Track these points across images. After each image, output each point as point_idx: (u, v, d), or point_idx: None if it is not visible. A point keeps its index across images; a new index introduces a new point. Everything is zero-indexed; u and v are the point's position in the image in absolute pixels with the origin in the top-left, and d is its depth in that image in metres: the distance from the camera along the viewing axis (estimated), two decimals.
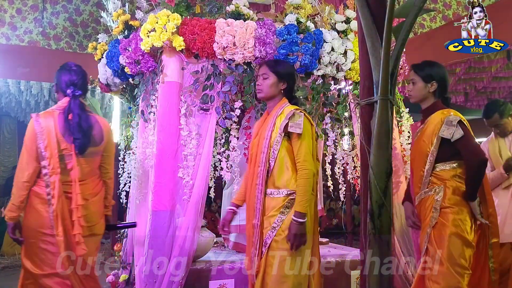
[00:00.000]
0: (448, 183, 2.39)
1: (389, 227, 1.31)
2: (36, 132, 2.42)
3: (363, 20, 1.35)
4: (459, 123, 2.37)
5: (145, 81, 3.07)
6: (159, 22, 2.82)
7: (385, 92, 1.32)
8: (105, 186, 2.68)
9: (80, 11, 5.90)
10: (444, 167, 2.42)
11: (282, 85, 2.44)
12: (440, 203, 2.38)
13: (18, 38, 5.68)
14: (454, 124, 2.37)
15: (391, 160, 1.34)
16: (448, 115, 2.42)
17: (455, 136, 2.34)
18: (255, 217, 2.32)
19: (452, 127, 2.36)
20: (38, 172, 2.45)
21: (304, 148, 2.31)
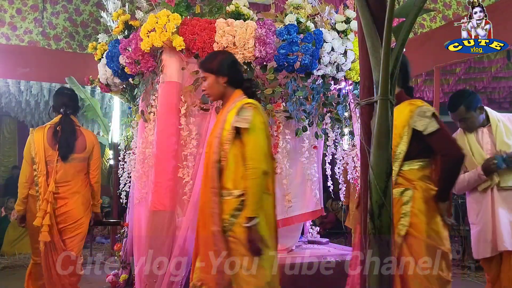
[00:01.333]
0: (417, 185, 2.16)
1: (389, 227, 1.30)
2: (30, 143, 3.15)
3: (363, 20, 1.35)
4: (433, 115, 2.14)
5: (145, 81, 3.08)
6: (159, 22, 2.82)
7: (385, 92, 1.31)
8: (91, 187, 3.25)
9: (80, 11, 5.91)
10: (412, 166, 2.18)
11: (222, 79, 2.24)
12: (409, 207, 2.14)
13: (18, 38, 5.68)
14: (428, 115, 2.13)
15: (391, 160, 1.34)
16: (420, 106, 2.17)
17: (429, 129, 2.11)
18: (214, 223, 2.09)
19: (426, 119, 2.13)
20: (33, 174, 3.14)
21: (252, 145, 2.09)
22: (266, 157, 2.13)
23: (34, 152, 3.12)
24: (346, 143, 3.74)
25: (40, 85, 6.51)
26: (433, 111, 2.16)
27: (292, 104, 3.05)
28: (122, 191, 3.47)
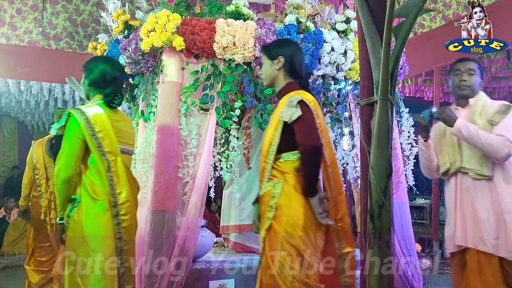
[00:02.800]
0: (287, 177, 2.06)
1: (389, 227, 1.31)
2: (32, 153, 3.83)
3: (363, 20, 1.35)
4: (300, 103, 2.05)
5: (145, 81, 3.08)
6: (159, 22, 2.82)
7: (385, 92, 1.32)
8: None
9: (80, 11, 5.91)
10: (288, 158, 2.08)
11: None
12: (276, 200, 2.04)
13: (18, 38, 5.68)
14: (293, 104, 2.04)
15: (391, 160, 1.34)
16: (291, 96, 2.09)
17: (293, 118, 2.02)
18: None
19: (292, 108, 2.04)
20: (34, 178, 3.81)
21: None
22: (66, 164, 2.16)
23: (35, 161, 3.80)
24: (346, 143, 3.74)
25: (40, 85, 6.51)
26: (302, 99, 2.05)
27: None
28: None
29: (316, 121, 2.05)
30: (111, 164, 2.24)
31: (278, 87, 2.23)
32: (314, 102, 2.09)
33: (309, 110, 2.05)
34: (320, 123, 2.07)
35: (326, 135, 2.11)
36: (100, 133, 2.23)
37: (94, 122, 2.22)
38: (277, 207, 2.03)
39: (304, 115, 2.03)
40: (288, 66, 2.18)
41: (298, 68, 2.21)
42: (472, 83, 2.33)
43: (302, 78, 2.24)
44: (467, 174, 2.25)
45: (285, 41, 2.41)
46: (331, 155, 2.12)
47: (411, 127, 3.53)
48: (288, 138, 2.06)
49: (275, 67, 2.19)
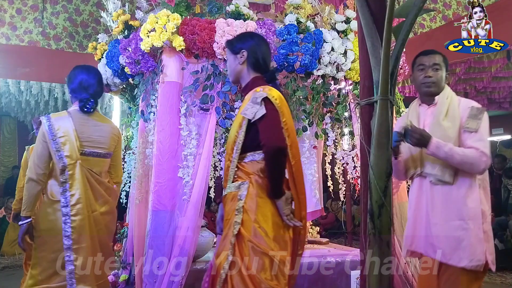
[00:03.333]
0: (252, 179, 1.99)
1: (389, 227, 1.31)
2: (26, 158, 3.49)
3: (363, 20, 1.35)
4: (265, 101, 1.96)
5: (145, 81, 3.08)
6: (159, 22, 2.82)
7: (385, 92, 1.32)
8: None
9: (80, 11, 5.91)
10: (253, 158, 2.01)
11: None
12: (242, 203, 1.96)
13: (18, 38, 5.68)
14: (258, 101, 1.96)
15: (391, 160, 1.34)
16: (256, 92, 2.00)
17: (257, 116, 1.94)
18: None
19: (256, 106, 1.95)
20: None
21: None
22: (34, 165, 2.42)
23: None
24: (346, 143, 3.74)
25: (40, 85, 6.51)
26: (266, 96, 1.97)
27: (292, 104, 3.05)
28: (122, 191, 3.47)
29: (281, 120, 1.98)
30: (68, 167, 2.43)
31: (243, 83, 2.16)
32: (280, 99, 2.00)
33: (274, 108, 1.96)
34: (286, 121, 1.99)
35: (292, 133, 2.03)
36: (62, 138, 2.44)
37: (58, 128, 2.46)
38: (243, 210, 1.96)
39: (268, 113, 1.95)
40: (251, 60, 2.12)
41: (262, 61, 2.13)
42: (438, 79, 2.20)
43: (268, 72, 2.16)
44: (428, 179, 2.15)
45: (248, 34, 2.33)
46: (296, 154, 2.05)
47: None
48: (253, 137, 1.99)
49: (238, 62, 2.13)
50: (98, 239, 2.49)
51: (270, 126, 1.95)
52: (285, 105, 2.04)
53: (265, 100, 1.97)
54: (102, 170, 2.60)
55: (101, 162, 2.58)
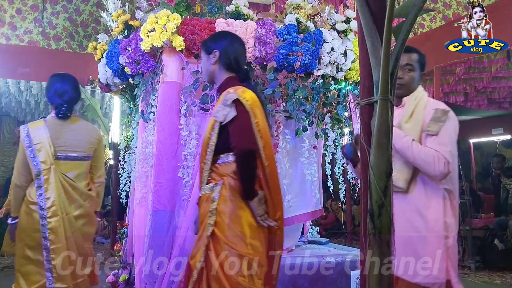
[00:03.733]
0: (225, 180, 2.00)
1: (389, 227, 1.30)
2: None
3: (363, 20, 1.35)
4: (236, 102, 1.96)
5: (145, 81, 3.08)
6: (159, 22, 2.82)
7: (385, 92, 1.31)
8: None
9: (80, 11, 5.91)
10: (226, 159, 2.03)
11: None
12: (216, 205, 1.98)
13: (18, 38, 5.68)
14: (229, 104, 1.96)
15: (391, 160, 1.33)
16: (227, 94, 2.00)
17: (227, 118, 1.96)
18: None
19: (227, 108, 1.96)
20: None
21: None
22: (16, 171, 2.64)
23: None
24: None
25: (40, 85, 6.51)
26: (236, 98, 1.97)
27: (292, 104, 3.05)
28: (122, 191, 3.48)
29: (252, 121, 1.98)
30: (43, 172, 2.62)
31: (217, 83, 2.17)
32: (252, 100, 1.99)
33: (244, 110, 1.96)
34: (258, 122, 1.99)
35: (265, 134, 2.03)
36: (37, 145, 2.64)
37: (33, 136, 2.66)
38: (217, 212, 1.98)
39: (239, 115, 1.96)
40: (224, 59, 2.12)
41: (234, 61, 2.13)
42: (408, 81, 2.09)
43: (242, 72, 2.15)
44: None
45: (221, 33, 2.34)
46: (270, 155, 2.05)
47: None
48: (225, 139, 2.00)
49: (211, 62, 2.14)
50: (74, 240, 2.67)
51: (240, 128, 1.96)
52: (258, 106, 2.03)
53: (236, 102, 1.97)
54: (80, 173, 2.76)
55: (78, 165, 2.76)
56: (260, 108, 2.05)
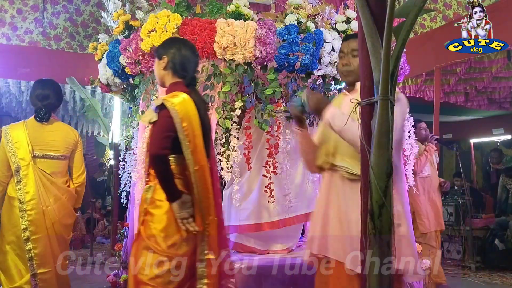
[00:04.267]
0: (156, 182, 2.08)
1: (390, 227, 1.30)
2: None
3: (363, 20, 1.35)
4: (161, 107, 2.04)
5: (145, 81, 3.08)
6: (159, 22, 2.82)
7: (386, 92, 1.31)
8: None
9: (80, 11, 5.91)
10: None
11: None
12: (146, 205, 2.10)
13: (18, 38, 5.69)
14: (154, 108, 2.09)
15: (391, 160, 1.34)
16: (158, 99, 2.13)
17: (151, 122, 2.07)
18: None
19: (152, 112, 2.08)
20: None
21: None
22: None
23: None
24: None
25: None
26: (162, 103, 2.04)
27: None
28: (122, 191, 3.48)
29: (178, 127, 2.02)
30: (22, 168, 2.90)
31: (166, 87, 2.26)
32: (181, 105, 2.04)
33: (167, 115, 2.02)
34: (186, 127, 2.04)
35: (195, 139, 2.08)
36: (16, 144, 2.93)
37: (13, 135, 2.95)
38: (145, 213, 2.08)
39: (158, 120, 2.04)
40: (171, 65, 2.22)
41: (180, 67, 2.22)
42: (356, 66, 1.96)
43: (188, 77, 2.23)
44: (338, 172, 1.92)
45: (170, 40, 2.42)
46: (200, 159, 2.09)
47: (411, 127, 3.53)
48: None
49: (160, 67, 2.24)
50: (54, 230, 2.94)
51: (154, 133, 2.06)
52: (191, 111, 2.09)
53: (161, 106, 2.06)
54: (57, 171, 3.04)
55: (55, 163, 3.04)
56: (195, 113, 2.10)
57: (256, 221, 3.54)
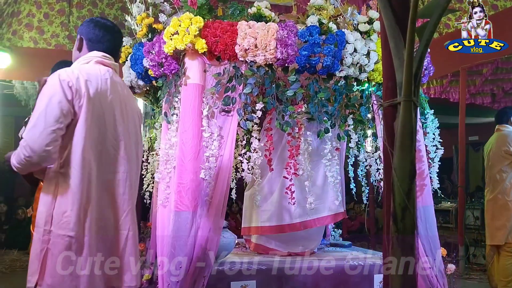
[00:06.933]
0: None
1: (413, 230, 1.29)
2: None
3: (386, 20, 1.34)
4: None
5: (168, 83, 3.11)
6: (182, 25, 2.85)
7: (409, 94, 1.30)
8: None
9: (105, 15, 6.02)
10: None
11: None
12: None
13: (45, 41, 5.83)
14: None
15: (414, 162, 1.32)
16: None
17: None
18: None
19: None
20: None
21: None
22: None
23: None
24: (369, 145, 3.71)
25: None
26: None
27: (314, 105, 3.03)
28: (145, 191, 3.52)
29: None
30: None
31: None
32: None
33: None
34: None
35: None
36: None
37: None
38: None
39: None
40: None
41: None
42: None
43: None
44: None
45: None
46: None
47: (436, 129, 3.47)
48: None
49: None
50: None
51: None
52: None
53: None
54: None
55: None
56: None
57: (277, 223, 3.54)
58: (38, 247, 1.76)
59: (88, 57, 2.04)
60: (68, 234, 1.76)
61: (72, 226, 1.77)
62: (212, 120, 2.94)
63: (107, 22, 2.22)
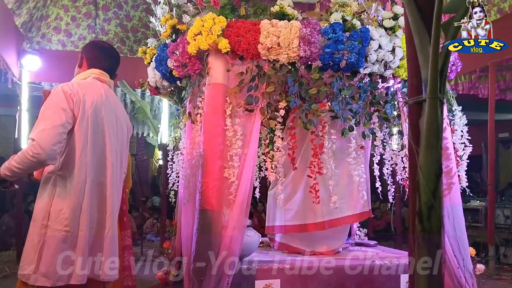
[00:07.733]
0: None
1: (439, 229, 1.26)
2: None
3: (410, 16, 1.31)
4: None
5: (192, 83, 3.14)
6: (205, 25, 2.87)
7: (434, 91, 1.27)
8: None
9: (130, 17, 6.12)
10: None
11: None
12: None
13: (73, 44, 5.97)
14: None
15: (441, 160, 1.29)
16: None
17: None
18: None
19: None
20: None
21: None
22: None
23: None
24: (395, 143, 3.64)
25: None
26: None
27: (338, 103, 3.01)
28: (171, 190, 3.57)
29: None
30: None
31: None
32: None
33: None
34: None
35: None
36: None
37: None
38: None
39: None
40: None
41: None
42: None
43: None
44: None
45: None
46: None
47: (464, 126, 3.39)
48: None
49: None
50: None
51: None
52: None
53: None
54: None
55: None
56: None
57: (301, 222, 3.53)
58: (35, 239, 1.98)
59: (87, 73, 2.29)
60: (64, 229, 1.99)
61: (67, 222, 1.99)
62: (235, 119, 2.95)
63: (106, 44, 2.53)
